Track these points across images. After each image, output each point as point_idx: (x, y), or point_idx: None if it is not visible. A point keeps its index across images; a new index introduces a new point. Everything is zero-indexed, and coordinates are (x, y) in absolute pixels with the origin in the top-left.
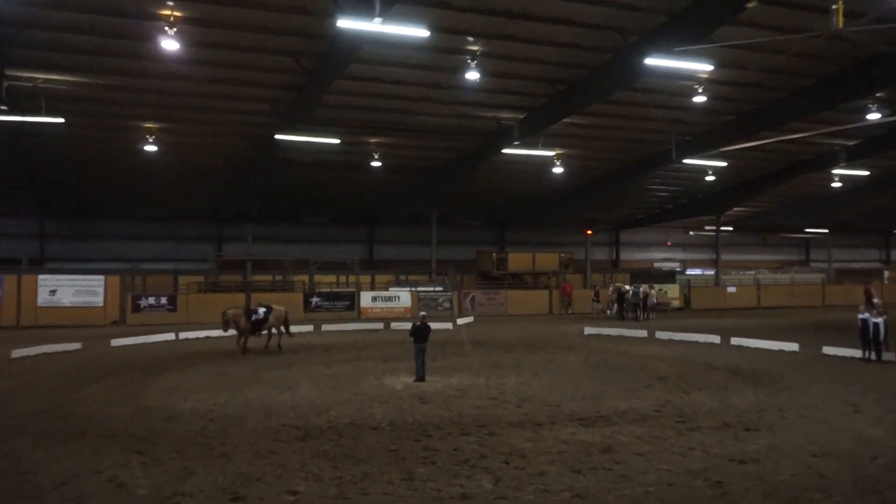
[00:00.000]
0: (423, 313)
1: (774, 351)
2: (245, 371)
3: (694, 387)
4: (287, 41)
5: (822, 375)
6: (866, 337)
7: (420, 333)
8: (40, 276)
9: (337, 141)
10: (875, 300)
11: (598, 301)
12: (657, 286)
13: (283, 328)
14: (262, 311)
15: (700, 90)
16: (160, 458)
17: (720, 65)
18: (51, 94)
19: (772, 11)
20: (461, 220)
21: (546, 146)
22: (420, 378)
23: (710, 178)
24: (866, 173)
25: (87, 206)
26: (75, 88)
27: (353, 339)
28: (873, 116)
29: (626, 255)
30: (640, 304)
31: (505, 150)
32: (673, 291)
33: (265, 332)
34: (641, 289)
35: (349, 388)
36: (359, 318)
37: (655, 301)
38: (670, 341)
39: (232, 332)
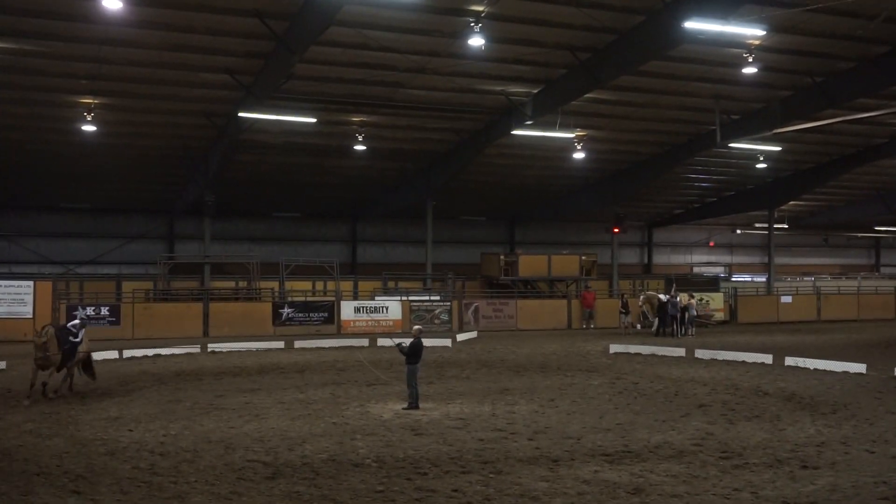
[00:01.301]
0: (418, 327)
1: (837, 373)
2: (202, 397)
3: (741, 416)
4: None
5: (895, 403)
6: None
7: (416, 351)
8: None
9: (312, 120)
10: None
11: (628, 313)
12: (697, 295)
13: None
14: (77, 322)
15: (750, 60)
16: (101, 501)
17: (774, 29)
18: None
19: None
20: (462, 216)
21: (565, 126)
22: (413, 405)
23: (761, 165)
24: None
25: (12, 197)
26: None
27: (333, 357)
28: None
29: (661, 258)
30: (678, 316)
31: (515, 132)
32: (716, 301)
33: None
34: (679, 298)
35: (327, 417)
36: (339, 333)
37: (696, 313)
38: (713, 361)
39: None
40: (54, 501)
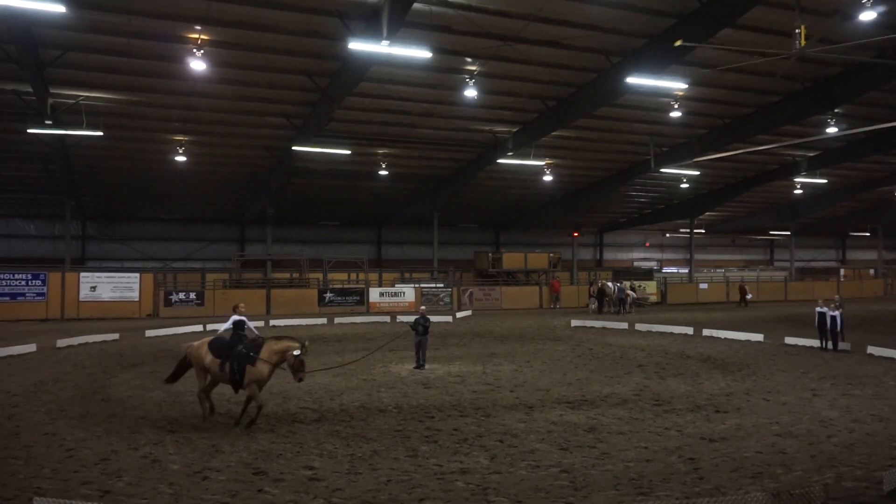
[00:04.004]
0: (422, 307)
1: (742, 341)
2: None
3: (669, 373)
4: (303, 62)
5: (785, 363)
6: (824, 329)
7: (419, 326)
8: (82, 274)
9: (348, 152)
10: (748, 296)
11: (597, 298)
12: (638, 283)
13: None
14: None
15: (676, 106)
16: (190, 438)
17: (694, 83)
18: (91, 110)
19: (741, 35)
20: (460, 224)
21: (537, 156)
22: (418, 366)
23: (684, 185)
24: (825, 181)
25: (123, 210)
26: (113, 105)
27: (364, 330)
28: (832, 130)
29: (609, 255)
30: (624, 299)
31: (500, 160)
32: (651, 288)
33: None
34: (623, 285)
35: (359, 375)
36: (368, 312)
37: (635, 296)
38: (649, 333)
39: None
40: (155, 438)
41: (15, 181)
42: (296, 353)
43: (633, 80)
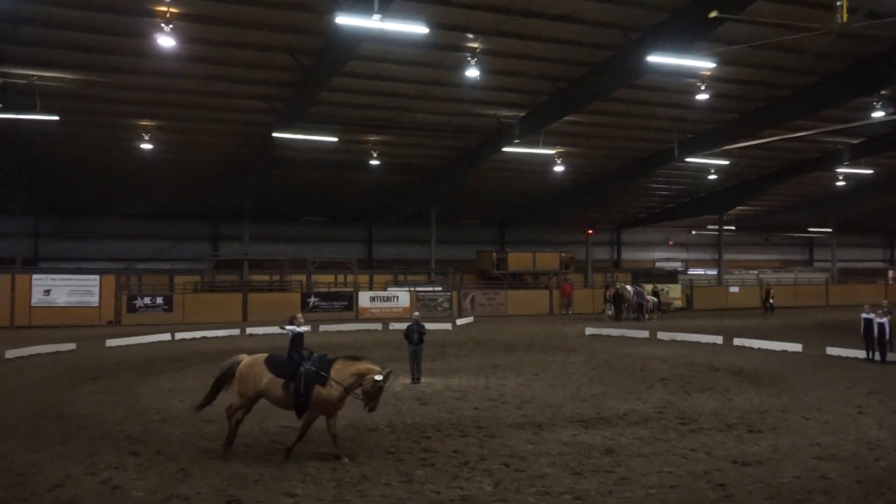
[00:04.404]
0: (416, 313)
1: (777, 352)
2: None
3: (696, 388)
4: (285, 38)
5: (826, 376)
6: (870, 337)
7: (413, 334)
8: (34, 276)
9: (335, 139)
10: (771, 301)
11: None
12: (660, 286)
13: None
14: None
15: (703, 88)
16: (156, 460)
17: (723, 62)
18: (46, 92)
19: (776, 8)
20: (461, 220)
21: (547, 144)
22: (414, 380)
23: (712, 176)
24: (870, 172)
25: (81, 204)
26: (70, 86)
27: (352, 339)
28: (878, 114)
29: (628, 255)
30: (644, 304)
31: (505, 149)
32: (675, 291)
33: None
34: (642, 289)
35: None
36: (357, 319)
37: (656, 301)
38: (672, 342)
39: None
40: (116, 461)
41: None
42: (377, 378)
43: (654, 58)
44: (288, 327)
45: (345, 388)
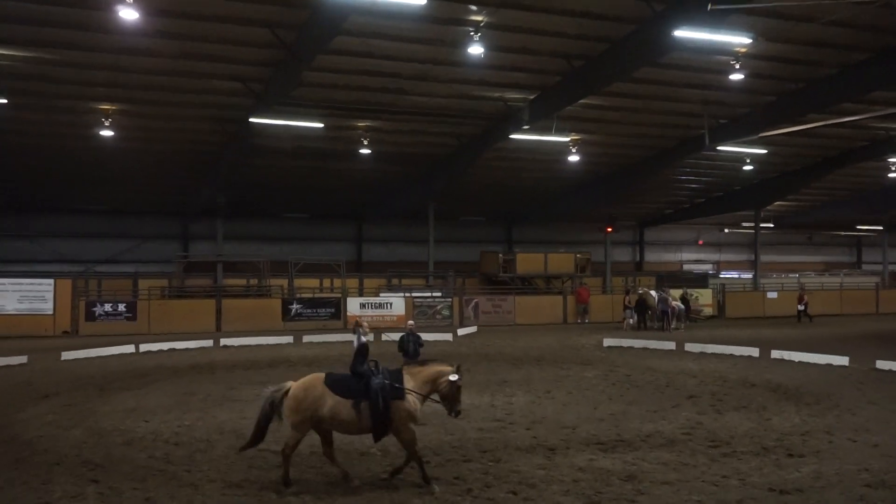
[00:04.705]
0: (410, 322)
1: (821, 365)
2: (215, 389)
3: (729, 406)
4: (263, 10)
5: (876, 394)
6: None
7: (409, 346)
8: None
9: (320, 125)
10: (801, 307)
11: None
12: (690, 291)
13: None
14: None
15: (737, 66)
16: (118, 488)
17: (761, 37)
18: None
19: None
20: (462, 217)
21: (560, 131)
22: None
23: (747, 167)
24: None
25: (33, 199)
26: (19, 64)
27: (340, 351)
28: None
29: (652, 256)
30: (668, 312)
31: (513, 136)
32: (705, 297)
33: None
34: (667, 294)
35: None
36: (345, 328)
37: (682, 308)
38: (702, 355)
39: None
40: (73, 490)
41: None
42: (452, 378)
43: (682, 33)
44: (354, 337)
45: (423, 398)
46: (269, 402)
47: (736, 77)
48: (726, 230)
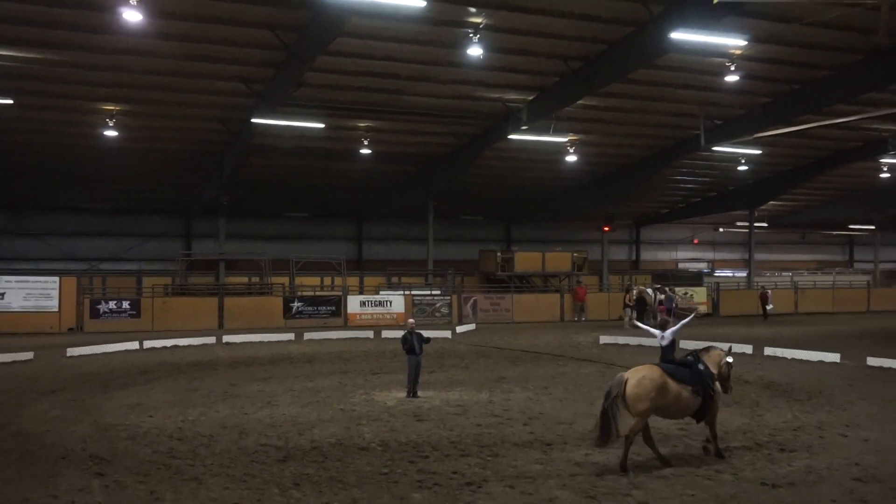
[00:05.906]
0: (410, 320)
1: (813, 362)
2: (218, 385)
3: (722, 402)
4: (264, 12)
5: (867, 390)
6: None
7: (411, 344)
8: None
9: (321, 125)
10: (768, 305)
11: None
12: (682, 289)
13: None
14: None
15: (732, 68)
16: (123, 482)
17: (755, 39)
18: None
19: None
20: (461, 216)
21: (558, 131)
22: (411, 394)
23: (742, 167)
24: None
25: (38, 198)
26: (25, 65)
27: (340, 348)
28: None
29: (648, 255)
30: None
31: (511, 136)
32: (700, 295)
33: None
34: (657, 291)
35: (335, 404)
36: (345, 326)
37: (675, 305)
38: None
39: None
40: (79, 483)
41: None
42: (729, 360)
43: (678, 35)
44: (664, 334)
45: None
46: (613, 397)
47: (731, 79)
48: (721, 229)
